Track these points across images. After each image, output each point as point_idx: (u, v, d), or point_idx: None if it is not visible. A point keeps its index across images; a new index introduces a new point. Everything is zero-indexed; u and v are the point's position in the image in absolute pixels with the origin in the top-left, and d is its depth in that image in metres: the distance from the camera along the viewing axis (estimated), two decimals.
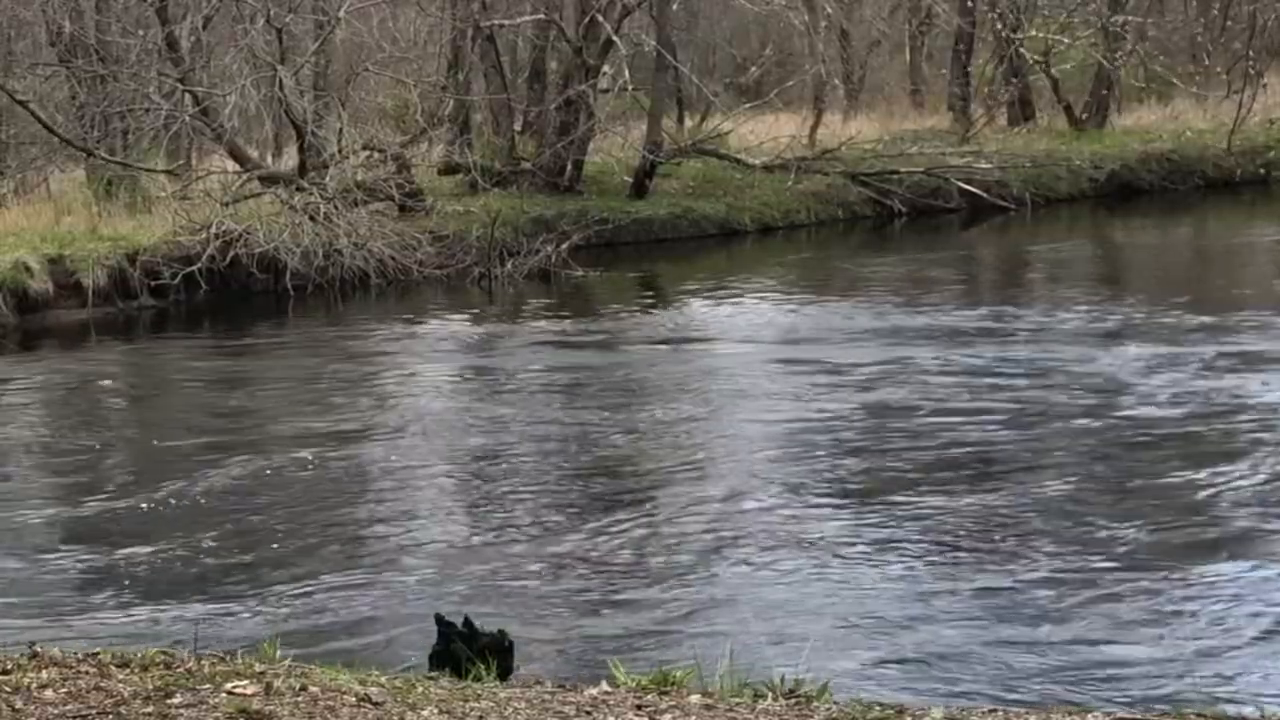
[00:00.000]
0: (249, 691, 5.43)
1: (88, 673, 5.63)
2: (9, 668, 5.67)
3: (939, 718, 5.58)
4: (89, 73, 25.79)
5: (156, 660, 5.79)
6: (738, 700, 5.72)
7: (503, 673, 6.28)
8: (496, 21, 28.79)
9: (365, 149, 25.50)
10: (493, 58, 28.89)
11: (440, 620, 6.55)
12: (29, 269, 21.13)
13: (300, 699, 5.41)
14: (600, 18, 27.07)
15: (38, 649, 5.91)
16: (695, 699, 5.72)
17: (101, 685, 5.47)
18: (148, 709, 5.23)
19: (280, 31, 25.02)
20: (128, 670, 5.67)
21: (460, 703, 5.51)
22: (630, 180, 27.65)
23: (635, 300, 22.04)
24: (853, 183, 28.88)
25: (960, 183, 28.88)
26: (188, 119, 25.45)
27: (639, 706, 5.57)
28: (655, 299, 22.43)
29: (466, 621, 6.50)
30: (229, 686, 5.46)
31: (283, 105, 24.80)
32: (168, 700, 5.32)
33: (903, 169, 29.05)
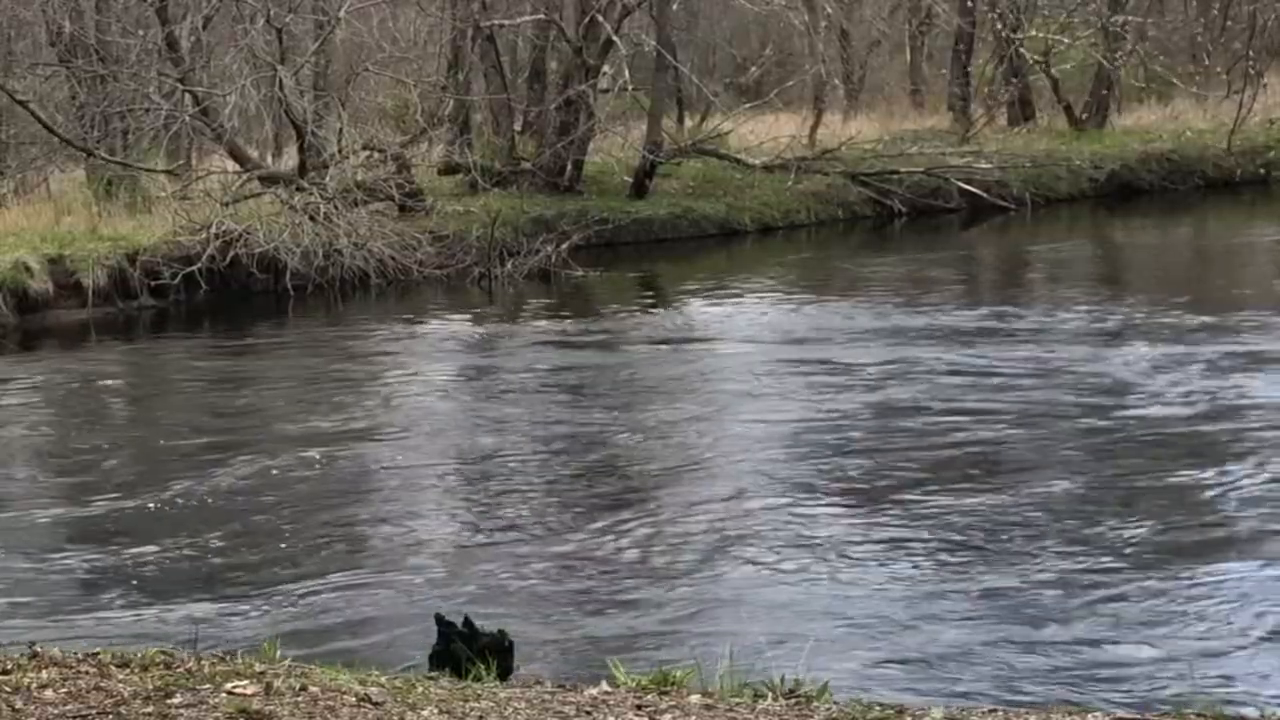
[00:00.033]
0: (249, 691, 5.43)
1: (88, 673, 5.63)
2: (9, 668, 5.67)
3: (939, 718, 5.58)
4: (89, 73, 25.79)
5: (156, 660, 5.79)
6: (738, 700, 5.73)
7: (503, 673, 6.27)
8: (496, 21, 28.79)
9: (365, 149, 25.50)
10: (493, 58, 28.89)
11: (440, 620, 6.55)
12: (29, 269, 21.13)
13: (300, 699, 5.41)
14: (600, 18, 27.07)
15: (38, 649, 5.91)
16: (695, 699, 5.72)
17: (101, 685, 5.47)
18: (148, 709, 5.23)
19: (280, 31, 25.02)
20: (128, 670, 5.67)
21: (460, 703, 5.51)
22: (630, 180, 27.64)
23: (635, 300, 22.04)
24: (853, 183, 28.87)
25: (960, 183, 28.88)
26: (188, 119, 25.45)
27: (639, 706, 5.57)
28: (655, 299, 22.42)
29: (466, 621, 6.50)
30: (229, 686, 5.46)
31: (283, 105, 24.81)
32: (168, 700, 5.32)
33: (903, 169, 29.05)
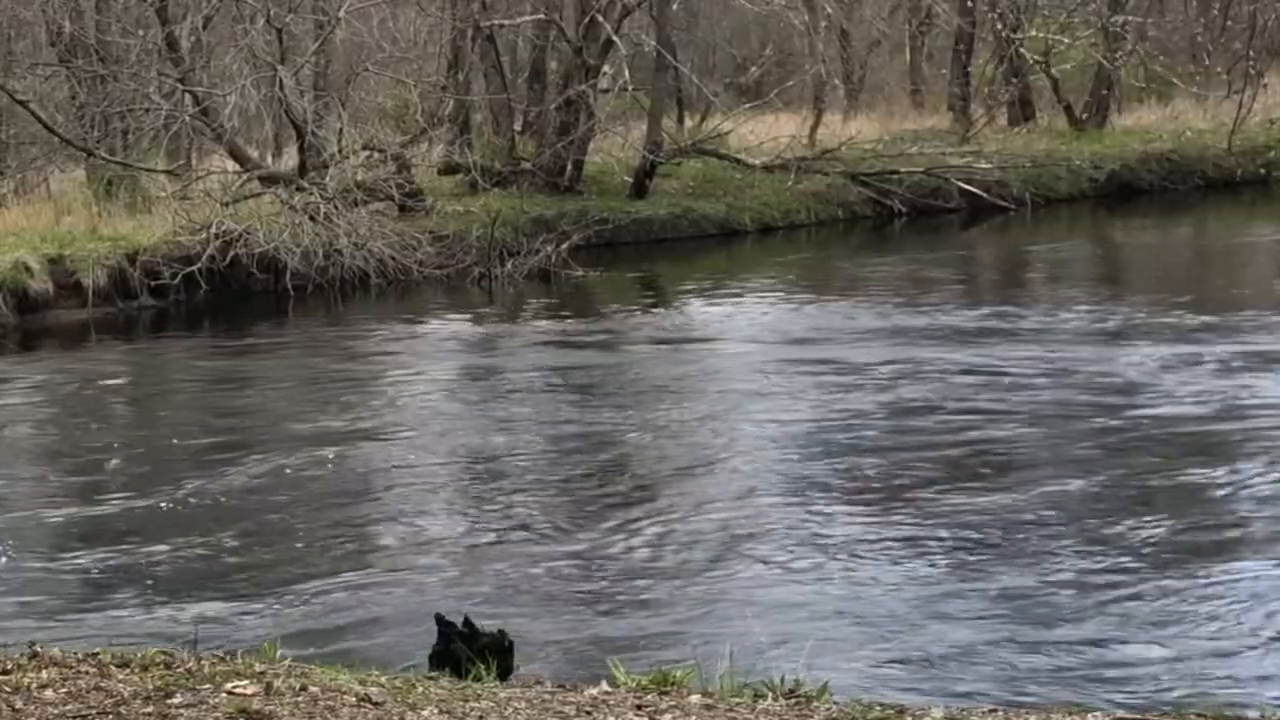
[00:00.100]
0: (249, 691, 5.42)
1: (88, 673, 5.63)
2: (9, 668, 5.67)
3: (939, 718, 5.58)
4: (89, 73, 25.78)
5: (156, 660, 5.79)
6: (738, 700, 5.72)
7: (503, 673, 6.27)
8: (496, 21, 28.78)
9: (365, 149, 25.50)
10: (493, 58, 28.89)
11: (440, 620, 6.55)
12: (29, 269, 21.12)
13: (300, 699, 5.41)
14: (600, 18, 27.07)
15: (38, 649, 5.91)
16: (695, 699, 5.72)
17: (101, 685, 5.46)
18: (148, 709, 5.23)
19: (280, 31, 25.02)
20: (128, 670, 5.67)
21: (460, 703, 5.51)
22: (630, 180, 27.64)
23: (635, 300, 22.04)
24: (853, 183, 28.86)
25: (960, 183, 28.87)
26: (188, 119, 25.44)
27: (639, 706, 5.57)
28: (655, 299, 22.42)
29: (466, 621, 6.49)
30: (229, 686, 5.46)
31: (283, 105, 24.80)
32: (168, 700, 5.32)
33: (903, 169, 29.04)
